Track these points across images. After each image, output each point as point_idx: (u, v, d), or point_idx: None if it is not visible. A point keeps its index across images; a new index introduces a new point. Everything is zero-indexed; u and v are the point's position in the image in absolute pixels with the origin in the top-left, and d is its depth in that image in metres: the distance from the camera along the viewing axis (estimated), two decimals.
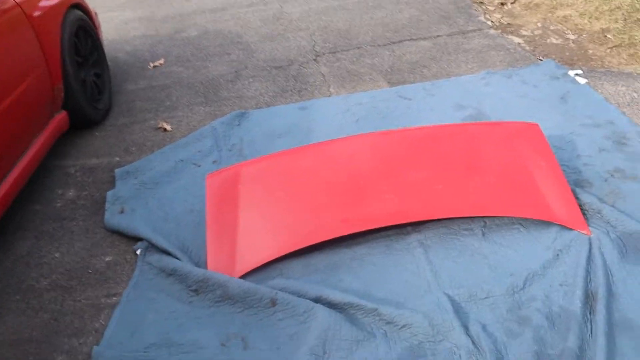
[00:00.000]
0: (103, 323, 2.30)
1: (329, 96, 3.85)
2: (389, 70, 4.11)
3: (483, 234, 2.50)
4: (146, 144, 3.52)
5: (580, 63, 3.90)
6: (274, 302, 2.20)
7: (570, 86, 3.57)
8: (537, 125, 2.71)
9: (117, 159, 3.39)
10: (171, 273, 2.43)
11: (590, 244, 2.34)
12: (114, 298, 2.41)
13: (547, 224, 2.48)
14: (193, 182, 3.05)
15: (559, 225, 2.45)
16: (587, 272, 2.22)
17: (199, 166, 3.20)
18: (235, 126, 3.53)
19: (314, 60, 4.41)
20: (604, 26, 4.35)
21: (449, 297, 2.18)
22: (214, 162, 3.22)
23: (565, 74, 3.71)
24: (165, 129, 3.64)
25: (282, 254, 2.42)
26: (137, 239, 2.68)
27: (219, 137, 3.41)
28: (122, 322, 2.26)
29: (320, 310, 2.14)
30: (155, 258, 2.53)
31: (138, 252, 2.61)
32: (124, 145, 3.53)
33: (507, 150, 2.63)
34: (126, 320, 2.27)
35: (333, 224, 2.46)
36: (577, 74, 3.68)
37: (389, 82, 3.93)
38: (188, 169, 3.18)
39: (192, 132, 3.52)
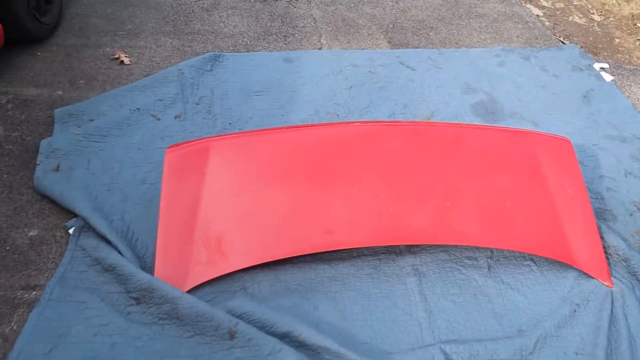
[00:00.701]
0: (15, 328, 1.83)
1: (320, 49, 3.31)
2: (391, 26, 3.57)
3: (489, 268, 2.11)
4: (97, 77, 2.93)
5: (606, 54, 3.46)
6: (232, 335, 1.77)
7: (595, 83, 3.13)
8: (569, 142, 2.27)
9: (60, 92, 2.81)
10: (108, 269, 1.96)
11: (612, 301, 1.99)
12: (34, 292, 1.93)
13: (563, 265, 2.10)
14: (149, 141, 2.53)
15: (577, 269, 2.08)
16: (609, 341, 1.87)
17: (159, 120, 2.66)
18: (206, 72, 2.97)
19: None
20: (634, 11, 3.88)
21: (445, 355, 1.79)
22: (176, 117, 2.68)
23: (590, 66, 3.26)
24: (122, 62, 3.04)
25: (248, 265, 1.97)
26: (71, 212, 2.18)
27: (186, 85, 2.85)
28: (40, 331, 1.80)
29: (289, 355, 1.73)
30: (91, 243, 2.05)
31: (71, 231, 2.11)
32: (70, 75, 2.92)
33: (531, 167, 2.20)
34: (45, 329, 1.80)
35: (314, 236, 2.01)
36: (602, 68, 3.24)
37: (389, 42, 3.40)
38: (145, 121, 2.64)
39: (154, 73, 2.94)
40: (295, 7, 3.68)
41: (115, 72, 2.97)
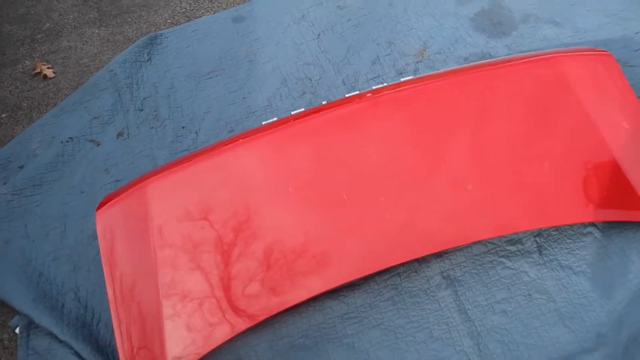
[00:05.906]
0: None
1: None
2: None
3: (539, 251, 1.62)
4: (21, 104, 2.42)
5: None
6: None
7: None
8: (610, 56, 1.70)
9: None
10: None
11: None
12: None
13: (637, 225, 1.61)
14: (92, 179, 2.06)
15: None
16: None
17: (99, 145, 2.17)
18: (144, 64, 2.42)
19: None
20: None
21: None
22: (119, 135, 2.18)
23: None
24: (45, 75, 2.51)
25: (237, 333, 1.53)
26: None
27: (123, 89, 2.32)
28: None
29: None
30: (43, 344, 1.64)
31: (17, 330, 1.71)
32: None
33: (568, 107, 1.65)
34: None
35: (319, 275, 1.54)
36: None
37: None
38: (83, 151, 2.15)
39: (84, 81, 2.42)
40: None
41: (40, 91, 2.46)
